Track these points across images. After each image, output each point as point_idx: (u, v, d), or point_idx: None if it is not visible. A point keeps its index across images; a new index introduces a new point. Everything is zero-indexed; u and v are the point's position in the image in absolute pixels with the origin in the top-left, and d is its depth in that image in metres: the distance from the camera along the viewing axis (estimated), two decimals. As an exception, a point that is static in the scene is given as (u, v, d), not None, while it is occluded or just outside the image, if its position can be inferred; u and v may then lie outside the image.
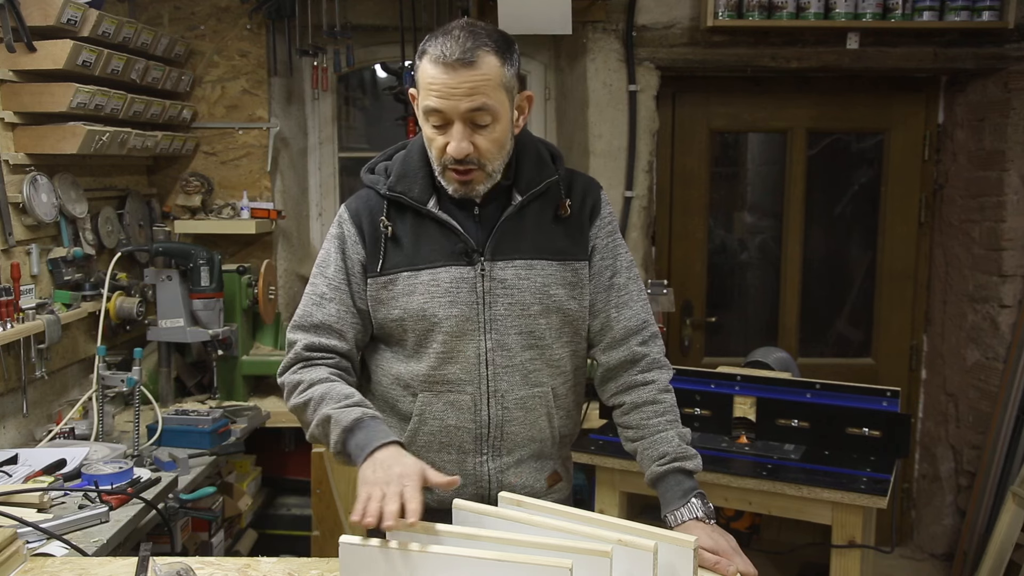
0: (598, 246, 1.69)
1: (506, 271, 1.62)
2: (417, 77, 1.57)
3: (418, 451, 1.64)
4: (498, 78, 1.53)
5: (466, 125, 1.53)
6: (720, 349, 3.90)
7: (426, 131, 1.58)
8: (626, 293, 1.70)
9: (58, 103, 2.56)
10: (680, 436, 1.63)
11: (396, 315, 1.63)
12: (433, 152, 1.58)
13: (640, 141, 3.52)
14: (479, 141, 1.54)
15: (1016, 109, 3.44)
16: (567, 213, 1.66)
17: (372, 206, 1.67)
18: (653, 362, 1.70)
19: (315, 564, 1.53)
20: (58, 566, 1.54)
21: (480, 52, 1.50)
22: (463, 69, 1.49)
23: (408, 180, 1.65)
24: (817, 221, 3.88)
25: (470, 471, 1.66)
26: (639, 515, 2.98)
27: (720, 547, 1.47)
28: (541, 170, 1.67)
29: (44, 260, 2.69)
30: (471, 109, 1.51)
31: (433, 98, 1.52)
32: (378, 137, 3.84)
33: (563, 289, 1.64)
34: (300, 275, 3.70)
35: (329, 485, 2.99)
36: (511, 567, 1.23)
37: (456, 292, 1.60)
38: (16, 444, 2.53)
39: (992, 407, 3.51)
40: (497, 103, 1.53)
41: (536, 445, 1.69)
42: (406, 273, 1.62)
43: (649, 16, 3.47)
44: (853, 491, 2.42)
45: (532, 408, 1.66)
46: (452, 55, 1.49)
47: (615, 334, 1.69)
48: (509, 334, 1.62)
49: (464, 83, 1.50)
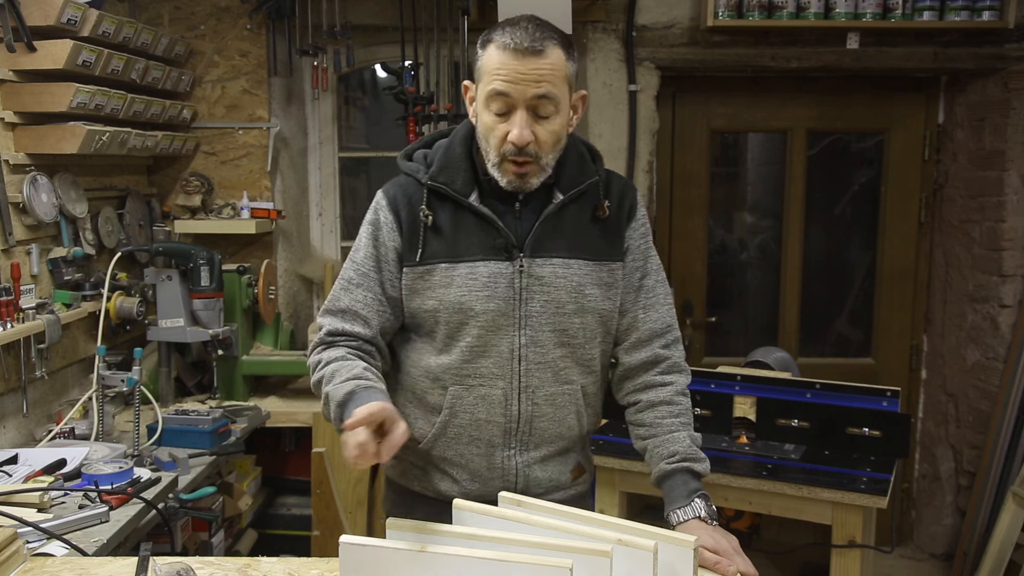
0: (631, 247, 1.71)
1: (544, 268, 1.62)
2: (480, 65, 1.57)
3: (447, 443, 1.66)
4: (563, 71, 1.55)
5: (529, 113, 1.54)
6: (720, 349, 3.90)
7: (485, 120, 1.58)
8: (654, 296, 1.71)
9: (58, 103, 2.56)
10: (692, 438, 1.64)
11: (431, 306, 1.63)
12: (492, 141, 1.58)
13: (640, 141, 3.52)
14: (539, 132, 1.55)
15: (1016, 109, 3.43)
16: (605, 214, 1.67)
17: (411, 194, 1.66)
18: (673, 365, 1.71)
19: (315, 564, 1.53)
20: (58, 566, 1.54)
21: (548, 43, 1.53)
22: (532, 57, 1.51)
23: (451, 171, 1.65)
24: (817, 221, 3.88)
25: (497, 465, 1.67)
26: (639, 515, 2.98)
27: (721, 547, 1.48)
28: (583, 170, 1.68)
29: (44, 260, 2.69)
30: (537, 96, 1.52)
31: (500, 82, 1.52)
32: (378, 137, 3.84)
33: (598, 289, 1.65)
34: (300, 275, 3.70)
35: (329, 485, 3.00)
36: (511, 567, 1.23)
37: (494, 287, 1.61)
38: (16, 444, 2.53)
39: (992, 407, 3.51)
40: (560, 95, 1.55)
41: (564, 441, 1.70)
42: (444, 264, 1.62)
43: (649, 16, 3.47)
44: (853, 491, 2.42)
45: (562, 405, 1.67)
46: (522, 43, 1.51)
47: (640, 335, 1.70)
48: (543, 331, 1.63)
49: (533, 70, 1.51)
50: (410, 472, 1.74)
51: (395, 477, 1.78)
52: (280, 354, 3.32)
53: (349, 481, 3.09)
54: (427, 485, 1.71)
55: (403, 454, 1.72)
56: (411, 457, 1.73)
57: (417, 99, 3.27)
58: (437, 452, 1.68)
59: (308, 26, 3.30)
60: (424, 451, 1.69)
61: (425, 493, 1.72)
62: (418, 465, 1.72)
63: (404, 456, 1.73)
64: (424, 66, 3.37)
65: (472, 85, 1.64)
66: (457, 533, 1.34)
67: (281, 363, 3.23)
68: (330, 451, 3.03)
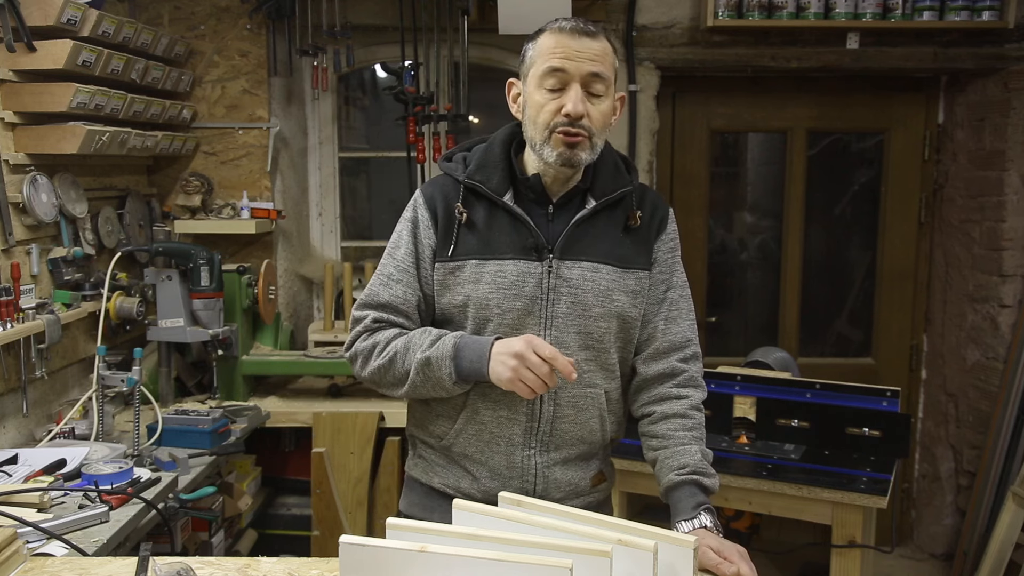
0: (659, 259, 1.73)
1: (572, 271, 1.64)
2: (531, 54, 1.63)
3: (468, 440, 1.67)
4: (612, 59, 1.63)
5: (583, 89, 1.58)
6: (720, 349, 3.90)
7: (536, 99, 1.61)
8: (677, 309, 1.73)
9: (58, 103, 2.56)
10: (703, 453, 1.64)
11: (460, 301, 1.65)
12: (542, 117, 1.60)
13: (640, 141, 3.52)
14: (591, 109, 1.59)
15: (1016, 109, 3.44)
16: (636, 224, 1.69)
17: (448, 192, 1.69)
18: (690, 379, 1.72)
19: (315, 564, 1.53)
20: (58, 566, 1.54)
21: (599, 32, 1.61)
22: (586, 38, 1.59)
23: (487, 170, 1.68)
24: (817, 221, 3.88)
25: (517, 464, 1.67)
26: (639, 515, 2.98)
27: (726, 548, 1.47)
28: (617, 178, 1.70)
29: (44, 260, 2.69)
30: (592, 73, 1.58)
31: (557, 59, 1.58)
32: (378, 137, 3.85)
33: (625, 296, 1.67)
34: (300, 275, 3.70)
35: (329, 485, 3.00)
36: (511, 567, 1.23)
37: (521, 286, 1.62)
38: (16, 444, 2.53)
39: (992, 407, 3.51)
40: (610, 78, 1.62)
41: (586, 446, 1.70)
42: (474, 261, 1.64)
43: (649, 16, 3.47)
44: (853, 491, 2.42)
45: (584, 408, 1.67)
46: (577, 25, 1.60)
47: (659, 346, 1.71)
48: (568, 332, 1.64)
49: (588, 48, 1.58)
50: (432, 469, 1.75)
51: (417, 475, 1.78)
52: (280, 354, 3.32)
53: (349, 481, 3.09)
54: (448, 482, 1.72)
55: (425, 451, 1.75)
56: (434, 455, 1.74)
57: (417, 99, 3.27)
58: (458, 449, 1.69)
59: (308, 26, 3.30)
60: (446, 447, 1.70)
61: (446, 490, 1.72)
62: (439, 463, 1.73)
63: (427, 453, 1.75)
64: (424, 66, 3.37)
65: (517, 82, 1.69)
66: (457, 533, 1.34)
67: (281, 363, 3.23)
68: (330, 451, 3.03)
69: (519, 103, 1.68)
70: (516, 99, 1.69)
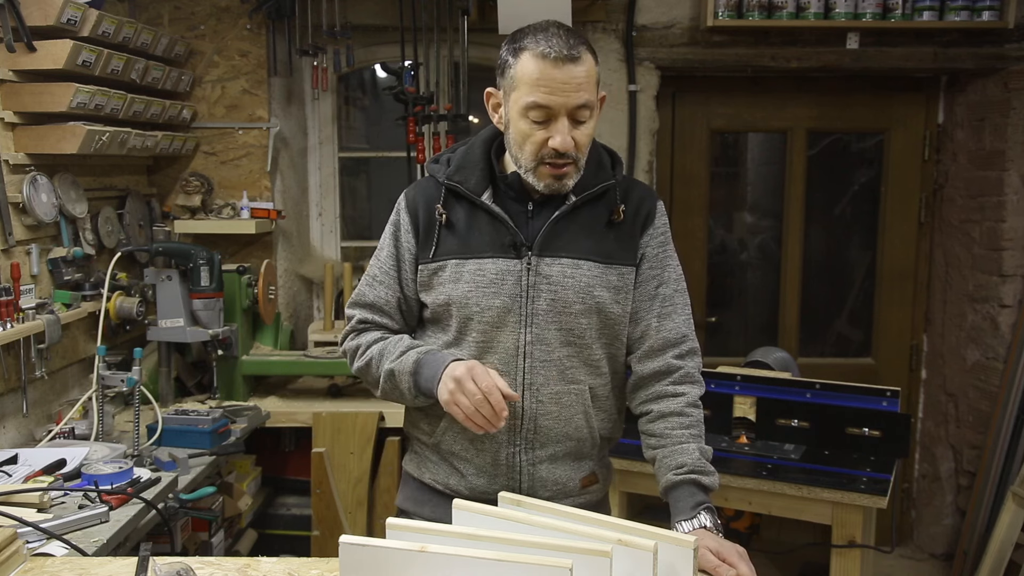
0: (648, 255, 1.72)
1: (552, 267, 1.64)
2: (513, 74, 1.58)
3: (454, 437, 1.69)
4: (594, 76, 1.58)
5: (569, 120, 1.56)
6: (720, 349, 3.90)
7: (521, 128, 1.59)
8: (670, 305, 1.71)
9: (58, 103, 2.56)
10: (701, 451, 1.63)
11: (442, 300, 1.67)
12: (528, 148, 1.59)
13: (640, 141, 3.52)
14: (577, 136, 1.58)
15: (1016, 109, 3.44)
16: (620, 219, 1.69)
17: (429, 194, 1.71)
18: (686, 376, 1.70)
19: (315, 564, 1.53)
20: (58, 566, 1.54)
21: (581, 49, 1.55)
22: (570, 65, 1.53)
23: (466, 171, 1.69)
24: (817, 221, 3.88)
25: (503, 461, 1.67)
26: (639, 515, 2.98)
27: (725, 549, 1.47)
28: (598, 173, 1.69)
29: (44, 260, 2.69)
30: (578, 105, 1.55)
31: (541, 94, 1.54)
32: (378, 137, 3.85)
33: (607, 292, 1.66)
34: (300, 275, 3.70)
35: (329, 485, 3.00)
36: (511, 567, 1.23)
37: (500, 284, 1.63)
38: (16, 444, 2.53)
39: (992, 407, 3.51)
40: (594, 100, 1.59)
41: (573, 443, 1.70)
42: (455, 261, 1.66)
43: (649, 16, 3.47)
44: (853, 491, 2.42)
45: (567, 404, 1.67)
46: (561, 51, 1.53)
47: (653, 344, 1.70)
48: (549, 329, 1.64)
49: (572, 79, 1.53)
50: (424, 464, 1.76)
51: (411, 470, 1.81)
52: (280, 354, 3.32)
53: (349, 481, 3.09)
54: (438, 478, 1.73)
55: (419, 447, 1.77)
56: (426, 450, 1.76)
57: (417, 99, 3.27)
58: (445, 446, 1.71)
59: (308, 26, 3.29)
60: (435, 444, 1.72)
61: (435, 486, 1.74)
62: (431, 459, 1.75)
63: (420, 449, 1.77)
64: (424, 66, 3.37)
65: (496, 92, 1.66)
66: (457, 533, 1.34)
67: (281, 363, 3.23)
68: (330, 451, 3.03)
69: (500, 114, 1.65)
70: (497, 109, 1.66)
